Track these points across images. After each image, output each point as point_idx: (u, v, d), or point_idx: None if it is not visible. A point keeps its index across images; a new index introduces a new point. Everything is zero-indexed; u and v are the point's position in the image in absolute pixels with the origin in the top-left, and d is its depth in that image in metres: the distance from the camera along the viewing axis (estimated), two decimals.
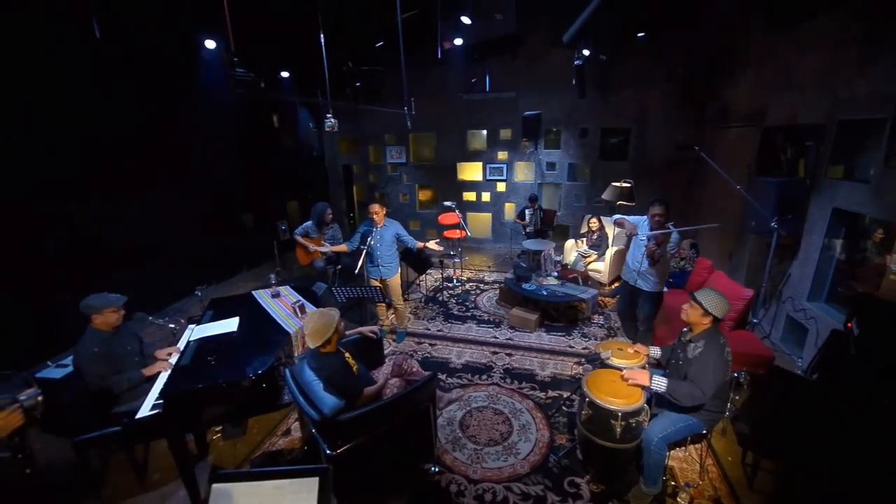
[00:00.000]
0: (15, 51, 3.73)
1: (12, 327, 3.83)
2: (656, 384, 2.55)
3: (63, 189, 4.38)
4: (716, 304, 2.52)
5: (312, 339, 2.44)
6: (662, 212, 3.71)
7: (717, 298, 2.54)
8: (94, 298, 2.64)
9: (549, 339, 4.70)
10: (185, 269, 5.81)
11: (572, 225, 8.23)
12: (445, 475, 2.84)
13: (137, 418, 2.38)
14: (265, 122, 7.44)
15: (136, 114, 4.97)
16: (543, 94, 7.64)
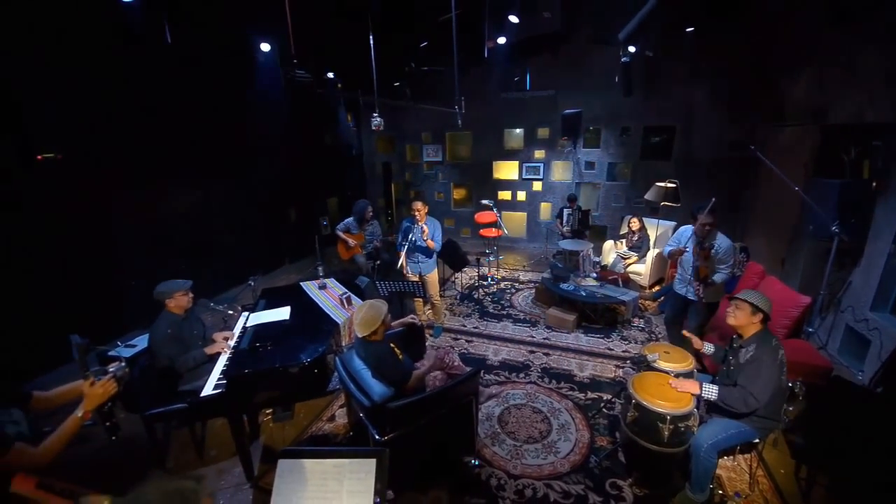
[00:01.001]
0: (95, 54, 4.05)
1: (86, 310, 4.17)
2: (707, 392, 2.50)
3: (131, 183, 4.71)
4: (761, 299, 2.46)
5: (361, 328, 2.54)
6: (712, 221, 3.50)
7: (760, 295, 2.48)
8: (165, 284, 2.86)
9: (587, 341, 4.65)
10: (236, 261, 6.13)
11: (610, 226, 8.06)
12: (485, 468, 2.88)
13: (202, 396, 2.56)
14: (310, 122, 7.70)
15: (197, 113, 5.29)
16: (584, 91, 7.51)
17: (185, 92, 5.02)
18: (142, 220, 4.89)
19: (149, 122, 4.67)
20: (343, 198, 9.04)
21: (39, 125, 3.44)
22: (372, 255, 5.59)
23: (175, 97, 4.92)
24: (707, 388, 2.50)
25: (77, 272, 4.13)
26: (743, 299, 2.49)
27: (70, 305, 3.97)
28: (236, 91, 5.82)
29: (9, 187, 3.53)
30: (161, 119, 4.82)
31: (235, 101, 5.86)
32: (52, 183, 3.73)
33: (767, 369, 2.38)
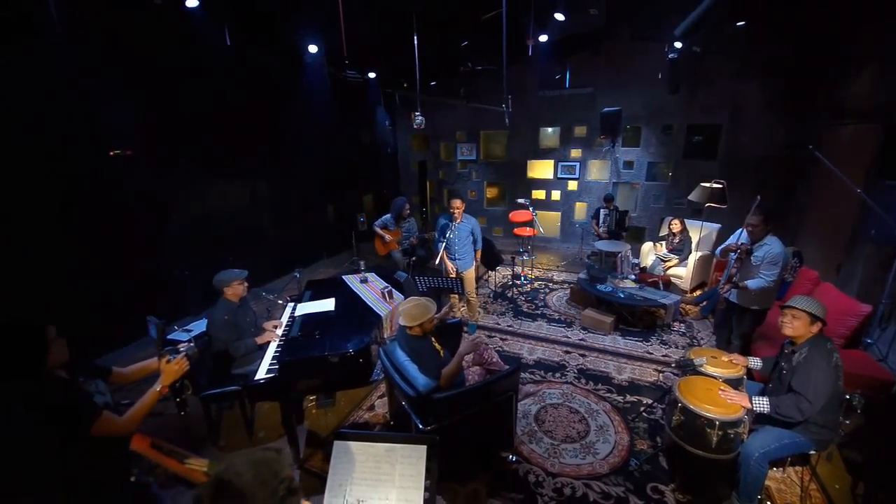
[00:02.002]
0: (163, 58, 4.34)
1: (146, 296, 4.47)
2: (758, 405, 2.41)
3: (186, 178, 5.01)
4: (818, 307, 2.37)
5: (405, 318, 2.62)
6: (758, 222, 3.38)
7: (815, 302, 2.39)
8: (223, 273, 3.03)
9: (625, 344, 4.56)
10: (278, 253, 6.40)
11: (649, 227, 7.85)
12: (523, 465, 2.90)
13: (256, 380, 2.70)
14: (349, 121, 7.91)
15: (248, 113, 5.56)
16: (624, 89, 7.35)
17: (238, 93, 5.30)
18: (195, 213, 5.18)
19: (206, 121, 4.95)
20: (378, 195, 9.22)
21: (112, 124, 3.73)
22: (408, 251, 5.69)
23: (229, 98, 5.19)
24: (758, 402, 2.41)
25: (138, 260, 4.44)
26: (801, 309, 2.39)
27: (132, 290, 4.27)
28: (285, 92, 6.08)
29: (86, 180, 3.85)
30: (216, 119, 5.10)
31: (283, 102, 6.12)
32: (122, 177, 4.03)
33: (821, 372, 2.29)
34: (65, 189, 3.69)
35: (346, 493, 1.67)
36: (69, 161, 3.65)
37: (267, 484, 0.82)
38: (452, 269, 4.52)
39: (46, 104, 3.49)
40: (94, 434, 1.58)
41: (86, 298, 3.84)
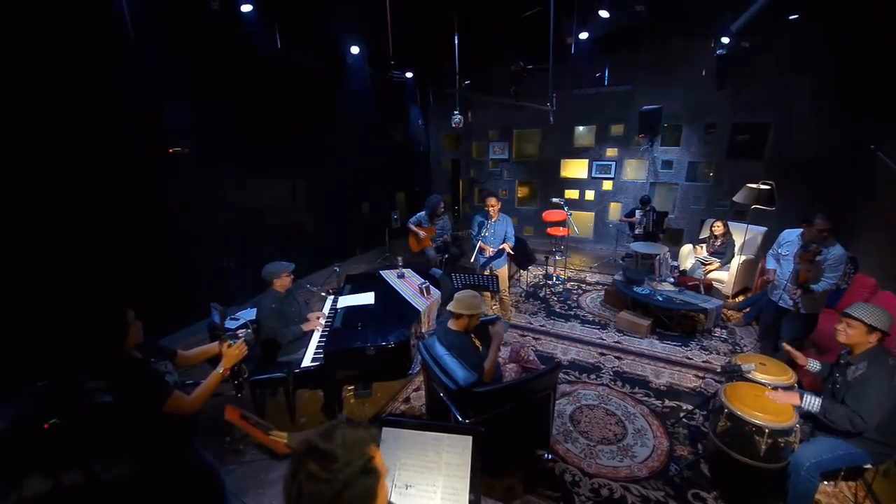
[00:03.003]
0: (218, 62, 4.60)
1: (196, 285, 4.73)
2: (808, 403, 2.32)
3: (233, 175, 5.25)
4: (879, 316, 2.24)
5: (458, 305, 2.64)
6: (826, 226, 3.20)
7: (878, 311, 2.25)
8: (272, 265, 3.19)
9: (663, 348, 4.45)
10: (315, 248, 6.62)
11: (687, 229, 7.60)
12: (559, 464, 2.90)
13: (302, 367, 2.83)
14: (384, 120, 8.06)
15: (292, 113, 5.78)
16: (665, 86, 7.14)
17: (282, 94, 5.52)
18: (241, 209, 5.43)
19: (252, 121, 5.18)
20: (410, 193, 9.35)
21: (172, 124, 3.98)
22: (441, 248, 5.75)
23: (274, 98, 5.42)
24: (808, 399, 2.32)
25: (189, 251, 4.70)
26: (857, 318, 2.28)
27: (183, 280, 4.54)
28: (325, 92, 6.27)
29: (147, 175, 4.14)
30: (262, 118, 5.33)
31: (323, 102, 6.32)
32: (179, 173, 4.30)
33: (879, 391, 2.17)
34: (130, 184, 3.97)
35: (394, 477, 1.73)
36: (134, 157, 3.93)
37: (353, 451, 0.88)
38: (489, 251, 4.52)
39: (119, 103, 3.78)
40: (166, 411, 1.72)
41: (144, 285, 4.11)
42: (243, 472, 2.87)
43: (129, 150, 3.85)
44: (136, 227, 4.10)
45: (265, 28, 4.34)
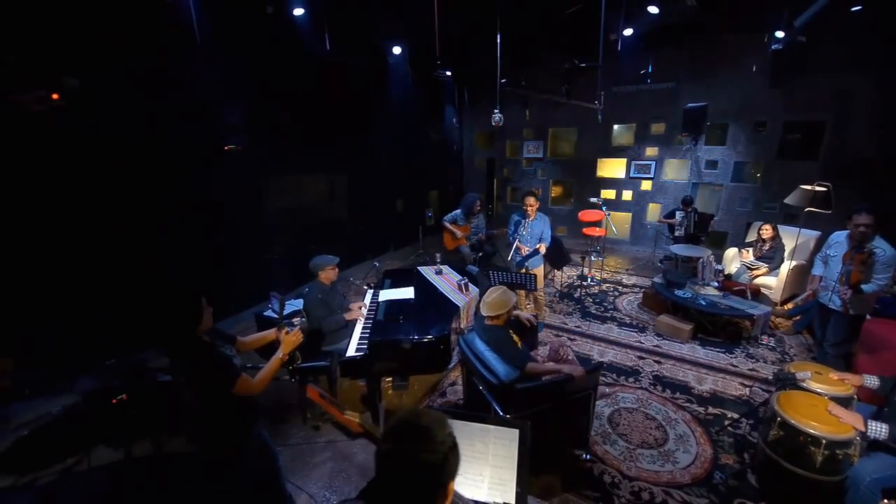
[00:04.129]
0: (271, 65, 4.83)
1: (241, 276, 4.98)
2: (874, 430, 2.19)
3: (279, 172, 5.48)
4: None
5: (488, 309, 2.69)
6: (869, 222, 3.12)
7: None
8: (319, 258, 3.32)
9: (705, 354, 4.31)
10: (351, 243, 6.81)
11: (732, 232, 7.29)
12: (597, 465, 2.88)
13: (347, 357, 2.93)
14: (421, 119, 8.17)
15: (333, 112, 5.96)
16: (711, 83, 6.88)
17: (326, 94, 5.71)
18: (284, 205, 5.66)
19: (298, 120, 5.39)
20: (444, 192, 9.42)
21: (227, 123, 4.21)
22: (476, 246, 5.78)
23: (319, 98, 5.61)
24: (874, 427, 2.19)
25: (238, 243, 4.95)
26: None
27: (230, 271, 4.78)
28: (366, 92, 6.44)
29: (205, 171, 4.42)
30: (307, 118, 5.53)
31: (364, 102, 6.49)
32: (231, 169, 4.55)
33: None
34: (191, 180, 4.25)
35: None
36: (196, 155, 4.21)
37: (444, 429, 0.96)
38: (525, 250, 4.52)
39: (184, 104, 4.05)
40: (234, 392, 1.84)
41: (195, 275, 4.37)
42: (289, 455, 3.01)
43: (191, 148, 4.14)
44: (193, 220, 4.36)
45: (315, 30, 4.50)
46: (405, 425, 0.96)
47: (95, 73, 3.16)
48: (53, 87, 2.64)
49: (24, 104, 2.67)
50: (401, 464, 0.92)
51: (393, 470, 0.93)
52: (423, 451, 0.91)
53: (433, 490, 0.94)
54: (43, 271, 3.44)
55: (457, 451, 0.97)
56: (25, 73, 2.64)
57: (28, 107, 2.66)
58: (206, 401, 1.89)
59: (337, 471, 2.87)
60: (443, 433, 0.96)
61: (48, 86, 2.63)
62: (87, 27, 3.25)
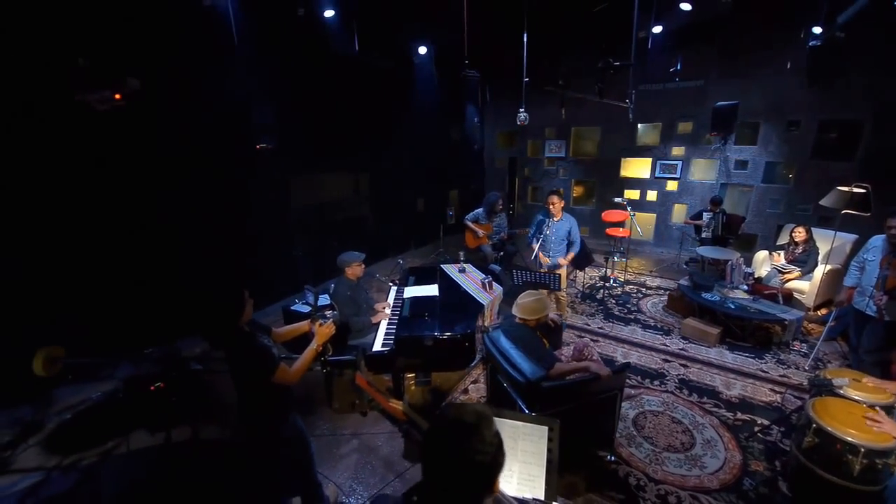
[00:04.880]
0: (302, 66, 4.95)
1: (268, 271, 5.11)
2: None
3: (305, 170, 5.60)
4: None
5: (522, 311, 2.69)
6: None
7: None
8: (346, 255, 3.39)
9: (734, 359, 4.21)
10: (373, 241, 6.89)
11: (761, 234, 7.08)
12: (622, 467, 2.86)
13: (373, 351, 2.99)
14: (443, 118, 8.20)
15: (358, 112, 6.06)
16: (742, 81, 6.69)
17: (353, 94, 5.82)
18: (309, 202, 5.79)
19: (324, 119, 5.51)
20: (464, 191, 9.43)
21: (260, 123, 4.34)
22: (498, 245, 5.78)
23: (345, 99, 5.72)
24: None
25: (264, 238, 5.09)
26: None
27: (257, 265, 4.92)
28: (391, 92, 6.52)
29: (238, 170, 4.58)
30: (333, 117, 5.64)
31: (388, 101, 6.58)
32: (262, 167, 4.69)
33: None
34: (226, 177, 4.41)
35: None
36: (228, 152, 4.36)
37: (490, 427, 0.95)
38: (546, 261, 4.51)
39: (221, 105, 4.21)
40: (274, 381, 1.91)
41: (226, 269, 4.52)
42: (316, 445, 3.07)
43: (226, 146, 4.30)
44: (226, 217, 4.52)
45: (342, 31, 4.60)
46: (453, 423, 0.95)
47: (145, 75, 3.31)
48: (118, 88, 2.79)
49: (88, 103, 2.83)
50: (451, 463, 0.91)
51: (442, 469, 0.92)
52: (473, 450, 0.90)
53: (483, 487, 0.94)
54: (90, 265, 3.62)
55: (503, 449, 0.95)
56: (94, 75, 2.80)
57: (91, 106, 2.82)
58: (246, 388, 1.96)
59: (362, 463, 2.93)
60: (490, 432, 0.94)
61: (113, 86, 2.78)
62: (142, 31, 3.43)
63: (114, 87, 2.76)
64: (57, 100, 3.09)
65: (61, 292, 3.49)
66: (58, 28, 3.10)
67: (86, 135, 3.34)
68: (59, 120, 3.22)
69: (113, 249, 3.73)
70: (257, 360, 1.88)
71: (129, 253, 3.80)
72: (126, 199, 3.72)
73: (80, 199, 3.52)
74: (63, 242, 3.49)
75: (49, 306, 3.42)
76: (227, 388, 3.57)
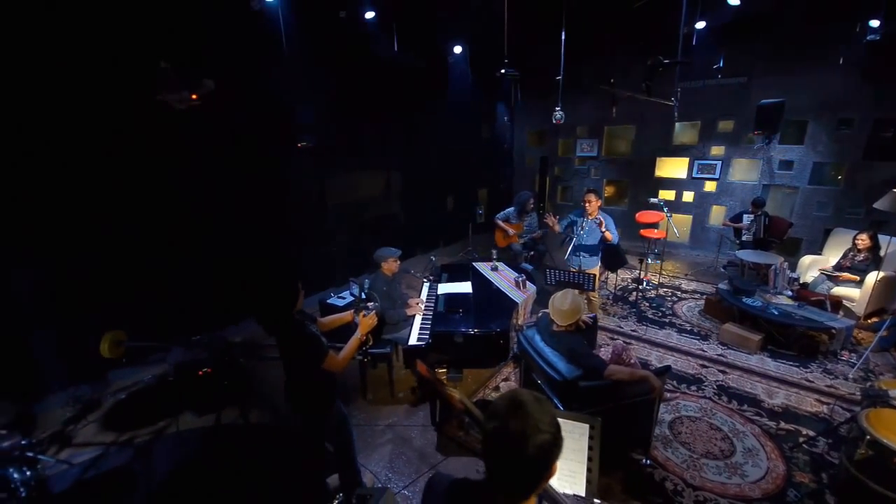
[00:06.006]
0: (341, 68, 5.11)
1: (306, 265, 5.28)
2: None
3: (340, 168, 5.75)
4: None
5: (563, 317, 2.64)
6: None
7: None
8: (382, 250, 3.47)
9: (777, 367, 4.06)
10: (405, 238, 6.98)
11: (807, 238, 6.76)
12: (658, 471, 2.81)
13: (409, 345, 3.06)
14: (473, 116, 8.22)
15: (392, 111, 6.17)
16: (788, 78, 6.39)
17: (388, 93, 5.92)
18: (344, 199, 5.93)
19: (359, 118, 5.64)
20: (493, 189, 9.42)
21: (300, 122, 4.51)
22: (528, 244, 5.76)
23: (380, 98, 5.83)
24: None
25: (300, 233, 5.26)
26: None
27: (294, 259, 5.10)
28: (426, 91, 6.60)
29: (280, 165, 4.78)
30: (367, 116, 5.76)
31: (423, 100, 6.66)
32: (302, 165, 4.87)
33: None
34: (268, 175, 4.59)
35: None
36: (273, 151, 4.55)
37: (546, 417, 0.95)
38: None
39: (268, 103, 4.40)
40: (323, 367, 2.00)
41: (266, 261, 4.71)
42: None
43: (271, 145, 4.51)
44: (269, 212, 4.72)
45: (380, 32, 4.70)
46: (515, 402, 0.96)
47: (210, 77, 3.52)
48: (195, 88, 2.98)
49: (168, 103, 3.04)
50: (515, 441, 0.91)
51: (507, 446, 0.93)
52: (536, 428, 0.91)
53: (544, 468, 0.95)
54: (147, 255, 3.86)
55: (561, 433, 0.96)
56: (175, 76, 3.00)
57: (170, 105, 3.03)
58: (296, 373, 2.06)
59: (397, 453, 3.01)
60: (550, 412, 0.96)
61: (191, 87, 2.97)
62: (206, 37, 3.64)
63: (192, 88, 2.94)
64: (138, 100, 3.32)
65: (123, 281, 3.73)
66: (141, 34, 3.34)
67: (154, 134, 3.57)
68: (136, 120, 3.45)
69: (167, 242, 3.96)
70: (309, 347, 1.98)
71: (181, 245, 4.02)
72: (182, 196, 3.94)
73: (142, 195, 3.75)
74: (128, 236, 3.73)
75: (113, 294, 3.67)
76: (269, 375, 3.74)
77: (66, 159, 3.32)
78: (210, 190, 4.12)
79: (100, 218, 3.58)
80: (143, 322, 3.61)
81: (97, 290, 3.59)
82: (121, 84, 3.32)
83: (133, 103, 3.34)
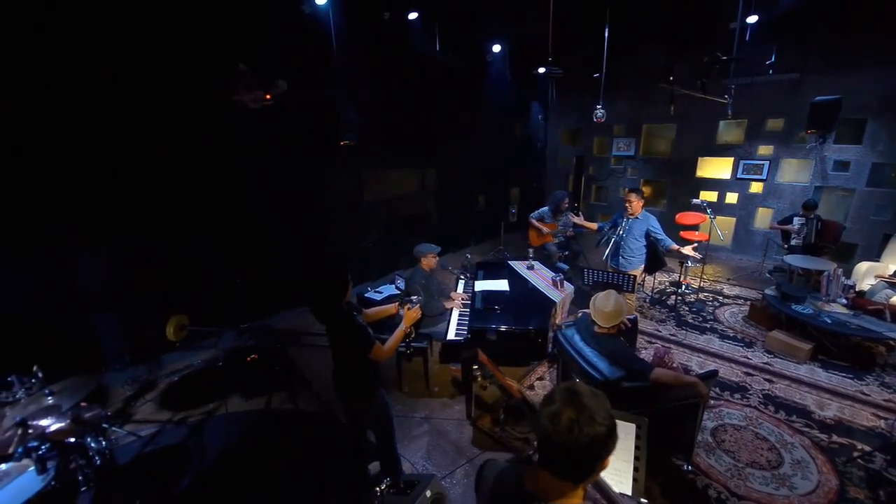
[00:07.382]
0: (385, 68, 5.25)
1: (347, 259, 5.43)
2: None
3: (377, 165, 5.88)
4: None
5: (607, 319, 2.61)
6: None
7: None
8: (422, 246, 3.55)
9: (828, 378, 3.86)
10: (437, 236, 7.05)
11: (863, 244, 6.36)
12: (700, 477, 2.75)
13: (448, 340, 3.11)
14: (509, 115, 8.18)
15: (429, 110, 6.24)
16: (846, 73, 6.02)
17: (427, 92, 6.00)
18: (380, 196, 6.06)
19: (399, 117, 5.74)
20: (526, 188, 9.36)
21: (345, 121, 4.65)
22: (563, 244, 5.71)
23: (419, 97, 5.92)
24: None
25: (341, 228, 5.42)
26: None
27: (334, 252, 5.26)
28: (463, 90, 6.66)
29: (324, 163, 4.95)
30: (406, 115, 5.85)
31: (459, 100, 6.71)
32: (342, 163, 5.03)
33: None
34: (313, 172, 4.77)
35: None
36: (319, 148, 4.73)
37: (602, 410, 0.98)
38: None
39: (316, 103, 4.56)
40: (370, 357, 2.08)
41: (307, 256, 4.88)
42: None
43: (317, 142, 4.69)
44: (312, 209, 4.91)
45: (421, 32, 4.79)
46: (573, 392, 0.98)
47: None
48: (269, 88, 3.15)
49: (243, 102, 3.22)
50: (573, 430, 0.93)
51: (558, 438, 0.95)
52: (593, 420, 0.94)
53: (599, 459, 0.98)
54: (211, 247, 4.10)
55: (616, 427, 0.98)
56: (252, 77, 3.19)
57: (245, 104, 3.21)
58: (344, 362, 2.15)
59: (433, 445, 3.07)
60: (605, 409, 0.98)
61: (265, 87, 3.15)
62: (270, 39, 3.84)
63: (266, 88, 3.11)
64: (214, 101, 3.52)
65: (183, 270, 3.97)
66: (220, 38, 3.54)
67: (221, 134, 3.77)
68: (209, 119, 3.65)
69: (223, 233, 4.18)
70: (357, 337, 2.06)
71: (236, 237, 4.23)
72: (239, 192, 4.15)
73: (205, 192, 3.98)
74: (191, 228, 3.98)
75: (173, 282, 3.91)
76: (312, 363, 3.86)
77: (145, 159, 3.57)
78: (264, 188, 4.31)
79: (170, 211, 3.83)
80: (197, 309, 3.84)
81: (159, 278, 3.83)
82: (201, 86, 3.53)
83: (209, 104, 3.54)
